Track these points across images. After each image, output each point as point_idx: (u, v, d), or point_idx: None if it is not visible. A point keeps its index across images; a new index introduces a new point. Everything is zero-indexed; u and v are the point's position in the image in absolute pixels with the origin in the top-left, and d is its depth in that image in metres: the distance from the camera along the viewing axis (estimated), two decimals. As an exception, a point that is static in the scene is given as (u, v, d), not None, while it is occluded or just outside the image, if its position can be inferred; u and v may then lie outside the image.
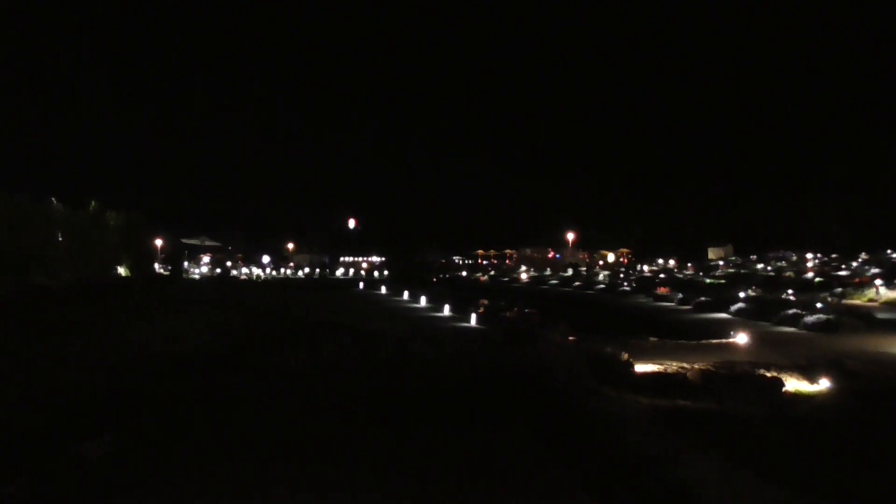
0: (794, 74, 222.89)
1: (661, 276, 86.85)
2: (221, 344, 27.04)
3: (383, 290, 66.13)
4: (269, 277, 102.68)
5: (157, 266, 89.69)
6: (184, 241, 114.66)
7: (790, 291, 55.44)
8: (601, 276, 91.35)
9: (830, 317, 35.54)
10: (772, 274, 79.53)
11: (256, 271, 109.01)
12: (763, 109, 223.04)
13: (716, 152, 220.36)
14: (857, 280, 62.82)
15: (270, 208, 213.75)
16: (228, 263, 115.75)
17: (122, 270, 70.19)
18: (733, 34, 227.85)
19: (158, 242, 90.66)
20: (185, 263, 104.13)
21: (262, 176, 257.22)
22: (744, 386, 20.90)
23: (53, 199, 61.35)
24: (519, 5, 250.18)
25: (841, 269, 78.37)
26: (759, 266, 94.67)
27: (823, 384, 21.61)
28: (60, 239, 59.56)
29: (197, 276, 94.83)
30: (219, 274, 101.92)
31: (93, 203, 66.12)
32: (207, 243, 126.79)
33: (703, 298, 50.67)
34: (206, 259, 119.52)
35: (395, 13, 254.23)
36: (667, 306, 52.73)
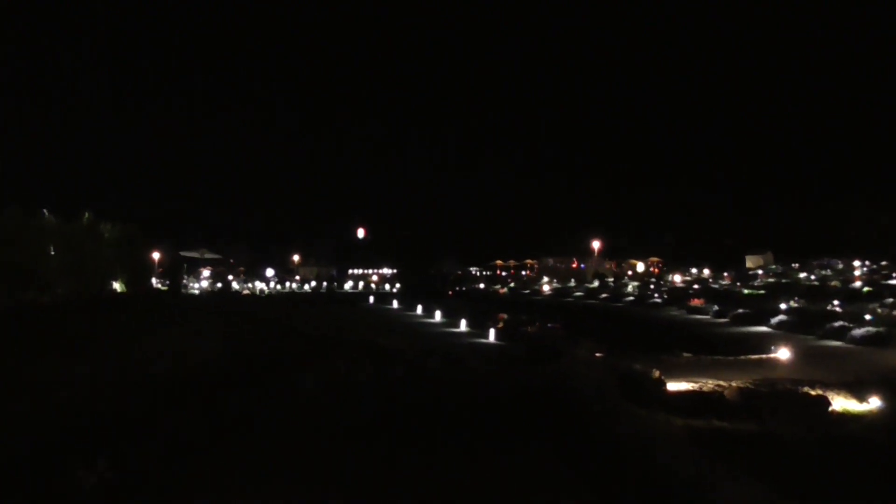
0: (845, 70, 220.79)
1: (695, 286, 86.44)
2: (225, 362, 27.26)
3: (395, 304, 66.41)
4: (274, 292, 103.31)
5: (154, 281, 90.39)
6: (182, 253, 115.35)
7: (836, 302, 54.95)
8: (630, 287, 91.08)
9: (881, 329, 35.20)
10: (816, 283, 78.90)
11: (260, 285, 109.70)
12: (807, 107, 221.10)
13: (754, 153, 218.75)
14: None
15: (274, 219, 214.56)
16: (230, 277, 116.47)
17: (117, 285, 70.86)
18: (770, 31, 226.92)
19: (156, 255, 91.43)
20: (185, 278, 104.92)
21: (265, 184, 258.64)
22: (786, 405, 20.78)
23: (45, 210, 62.22)
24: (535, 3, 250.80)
25: (892, 278, 77.52)
26: (802, 275, 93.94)
27: (874, 403, 21.42)
28: (53, 253, 60.33)
29: (196, 292, 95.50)
30: (220, 288, 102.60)
31: (87, 214, 66.90)
32: (207, 256, 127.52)
33: (740, 310, 50.41)
34: (206, 273, 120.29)
35: (400, 14, 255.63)
36: (701, 319, 52.49)
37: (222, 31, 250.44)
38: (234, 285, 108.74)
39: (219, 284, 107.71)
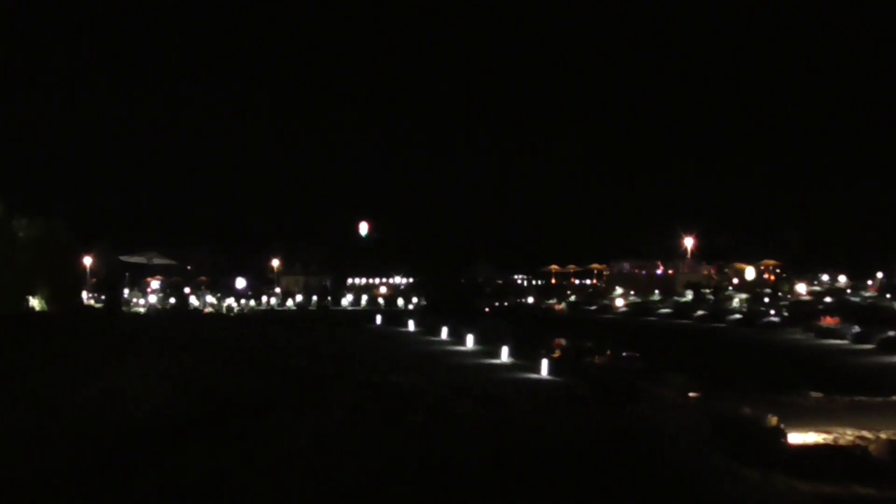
0: None
1: (827, 299, 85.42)
2: (186, 407, 27.48)
3: (411, 325, 66.47)
4: (247, 309, 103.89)
5: (85, 295, 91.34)
6: (124, 259, 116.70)
7: None
8: (735, 302, 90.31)
9: None
10: None
11: (228, 301, 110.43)
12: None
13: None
14: None
15: (247, 212, 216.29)
16: (187, 290, 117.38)
17: (35, 302, 71.67)
18: None
19: (87, 261, 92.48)
20: (126, 291, 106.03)
21: (234, 171, 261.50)
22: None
23: None
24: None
25: None
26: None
27: None
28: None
29: (142, 310, 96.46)
30: (174, 305, 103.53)
31: (-6, 206, 67.70)
32: (157, 262, 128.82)
33: (891, 333, 49.74)
34: (155, 284, 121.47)
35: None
36: (836, 345, 51.93)
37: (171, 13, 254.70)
38: (194, 300, 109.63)
39: (172, 300, 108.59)
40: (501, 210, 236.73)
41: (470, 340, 50.47)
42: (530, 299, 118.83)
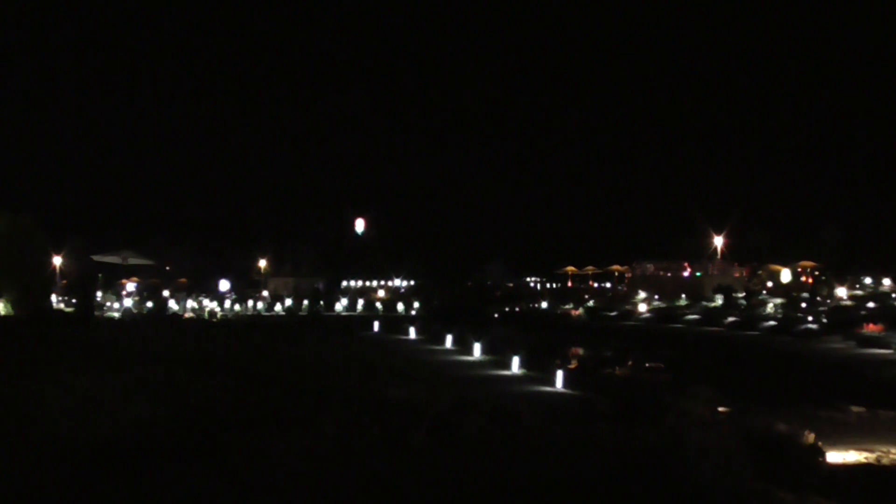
0: None
1: (870, 305, 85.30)
2: (165, 422, 27.57)
3: (412, 332, 66.52)
4: (231, 314, 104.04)
5: (54, 298, 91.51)
6: (96, 258, 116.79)
7: None
8: (770, 307, 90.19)
9: None
10: None
11: (210, 304, 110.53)
12: None
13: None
14: None
15: (231, 207, 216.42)
16: (166, 293, 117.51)
17: (0, 306, 71.87)
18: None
19: (56, 261, 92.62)
20: (99, 294, 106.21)
21: (217, 160, 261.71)
22: None
23: None
24: None
25: None
26: None
27: None
28: None
29: (117, 314, 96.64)
30: (151, 309, 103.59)
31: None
32: (133, 262, 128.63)
33: (942, 342, 49.82)
34: (130, 286, 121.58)
35: None
36: (880, 355, 51.98)
37: None
38: (173, 304, 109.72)
39: (149, 304, 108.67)
40: (512, 205, 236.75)
41: (477, 349, 50.48)
42: (544, 304, 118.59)
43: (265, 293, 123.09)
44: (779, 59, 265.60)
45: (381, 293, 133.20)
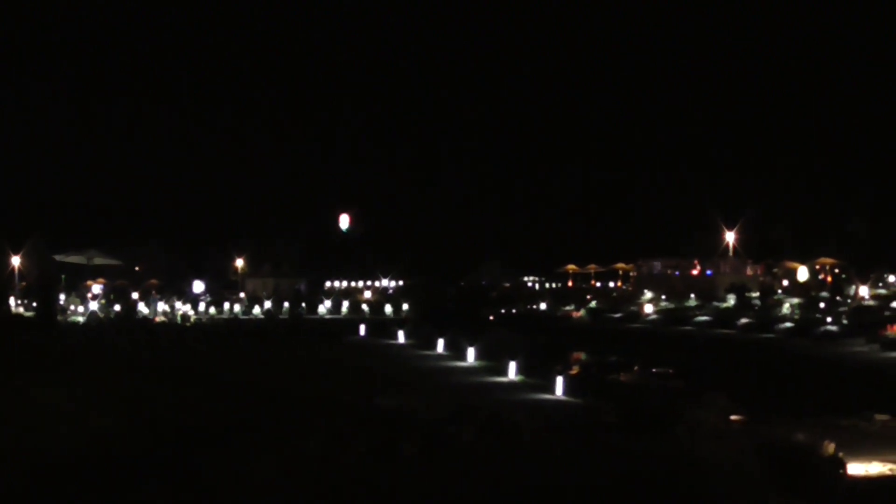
0: None
1: (894, 305, 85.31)
2: (134, 436, 27.34)
3: (401, 337, 66.28)
4: (205, 318, 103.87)
5: (12, 302, 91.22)
6: (59, 258, 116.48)
7: None
8: (786, 308, 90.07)
9: None
10: None
11: (183, 308, 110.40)
12: None
13: None
14: None
15: (205, 203, 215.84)
16: (135, 295, 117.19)
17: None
18: None
19: (15, 261, 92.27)
20: (62, 297, 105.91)
21: (190, 153, 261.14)
22: None
23: None
24: None
25: None
26: None
27: None
28: None
29: (82, 319, 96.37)
30: (119, 313, 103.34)
31: None
32: (98, 262, 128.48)
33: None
34: (96, 289, 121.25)
35: None
36: (906, 359, 51.78)
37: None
38: (143, 308, 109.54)
39: (117, 307, 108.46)
40: (509, 200, 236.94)
41: (471, 354, 50.18)
42: (543, 305, 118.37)
43: (242, 295, 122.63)
44: (799, 45, 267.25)
45: (367, 294, 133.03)
